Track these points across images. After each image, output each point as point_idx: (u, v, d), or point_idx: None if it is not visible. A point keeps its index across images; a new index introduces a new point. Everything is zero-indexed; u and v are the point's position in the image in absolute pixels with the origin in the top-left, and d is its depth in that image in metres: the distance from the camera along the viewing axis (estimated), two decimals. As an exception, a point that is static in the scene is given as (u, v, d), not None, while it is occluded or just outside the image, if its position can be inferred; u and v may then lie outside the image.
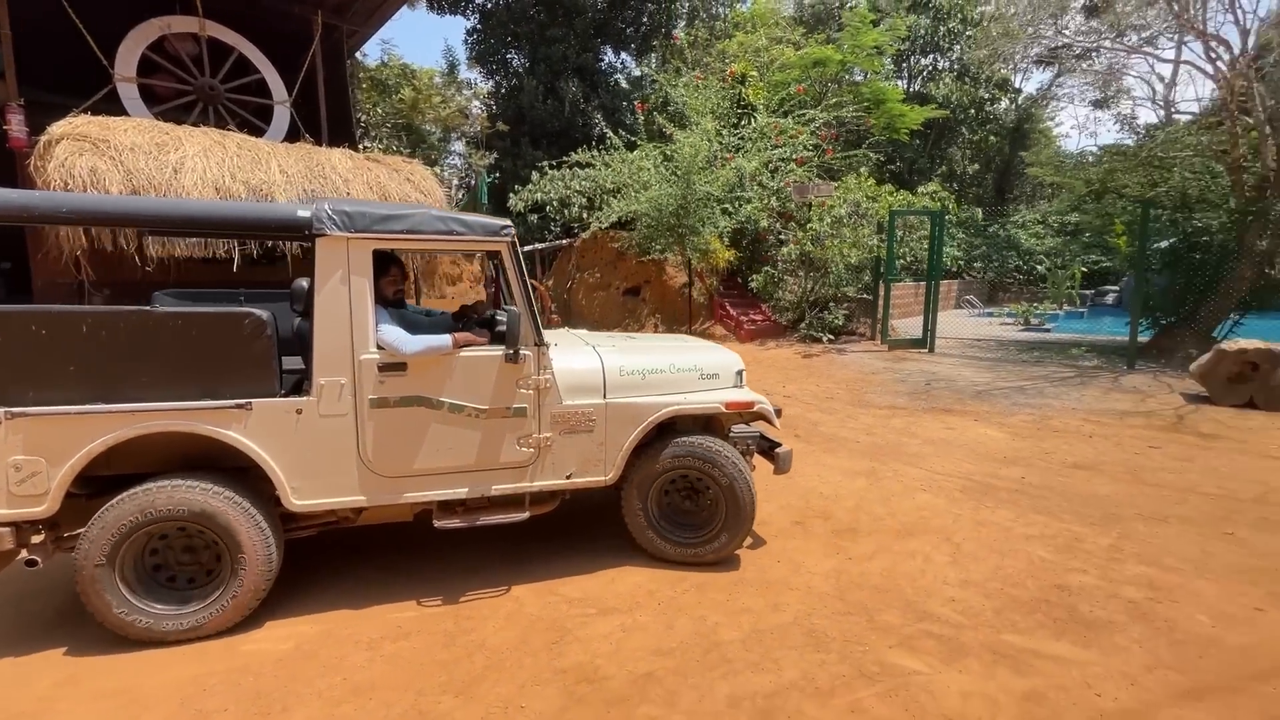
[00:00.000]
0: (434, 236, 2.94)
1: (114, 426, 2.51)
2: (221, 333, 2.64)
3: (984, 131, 27.33)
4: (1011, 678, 2.44)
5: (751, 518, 3.35)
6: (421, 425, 2.89)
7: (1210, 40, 9.02)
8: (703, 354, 3.66)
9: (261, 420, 2.68)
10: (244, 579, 2.67)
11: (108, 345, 2.50)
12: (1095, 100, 27.88)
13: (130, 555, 2.61)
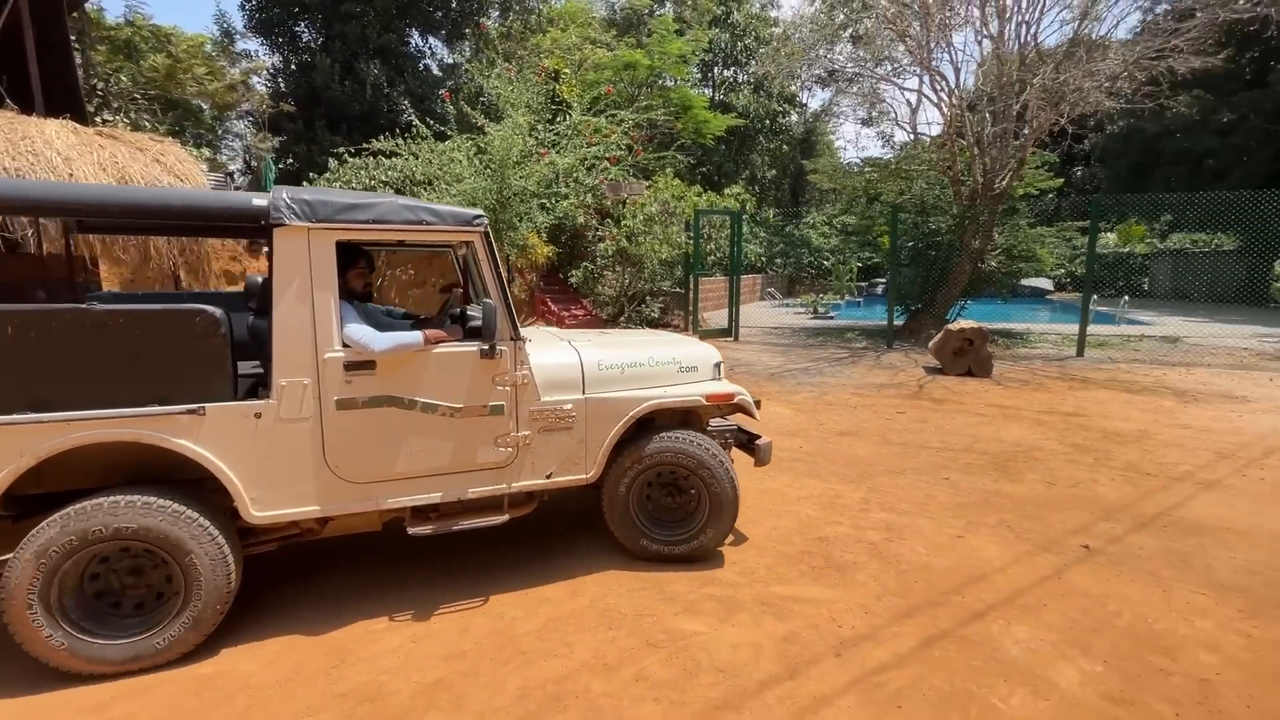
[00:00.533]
0: (401, 227, 2.76)
1: (46, 438, 2.26)
2: (170, 332, 2.41)
3: (778, 141, 30.40)
4: (775, 624, 2.76)
5: (735, 512, 3.32)
6: (392, 427, 2.72)
7: (934, 75, 10.93)
8: (680, 347, 3.64)
9: (216, 426, 2.47)
10: (199, 601, 2.44)
11: (38, 348, 2.25)
12: (863, 119, 32.36)
13: (68, 581, 2.34)
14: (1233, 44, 15.76)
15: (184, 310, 2.43)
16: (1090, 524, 3.77)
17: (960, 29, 12.14)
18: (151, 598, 2.49)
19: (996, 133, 10.62)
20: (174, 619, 2.43)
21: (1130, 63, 10.27)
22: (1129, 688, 2.33)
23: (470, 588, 3.08)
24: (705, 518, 3.27)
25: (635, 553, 3.31)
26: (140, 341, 2.37)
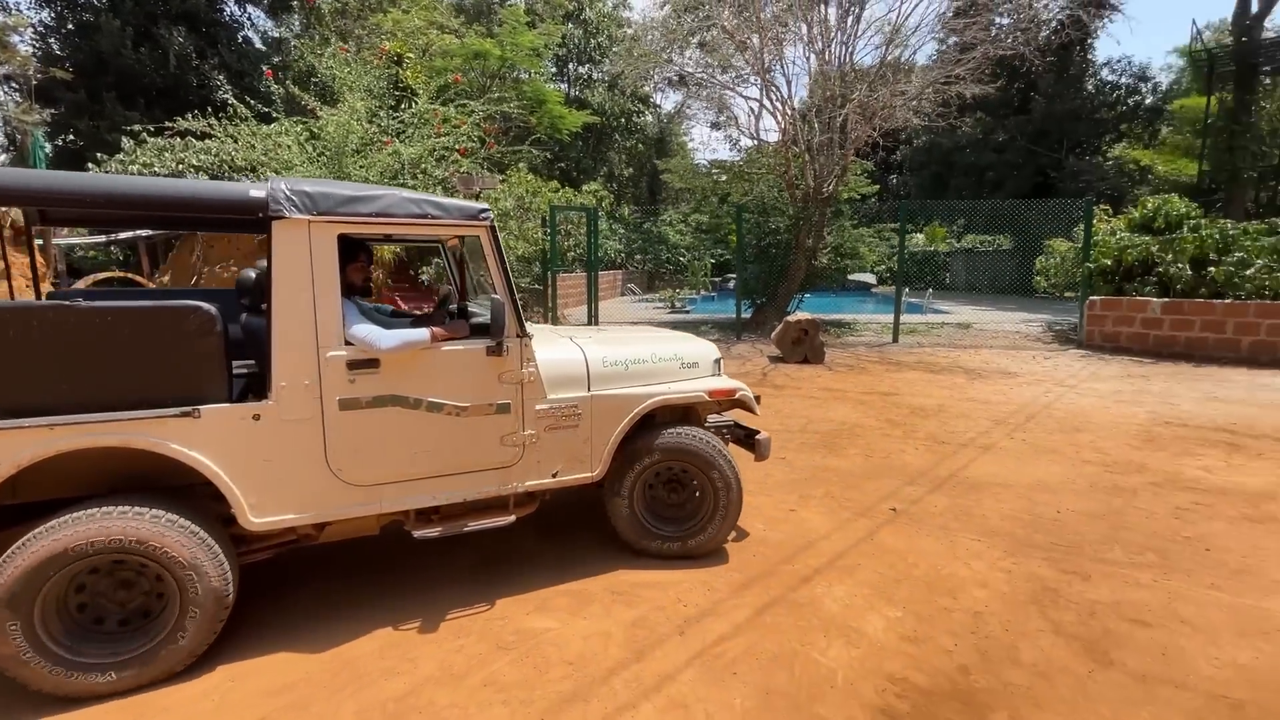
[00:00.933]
0: (406, 220, 2.68)
1: (27, 445, 2.13)
2: (161, 330, 2.29)
3: (634, 139, 31.11)
4: (624, 611, 2.85)
5: (740, 507, 3.34)
6: (396, 427, 2.65)
7: (770, 86, 11.82)
8: (681, 343, 3.64)
9: (211, 430, 2.36)
10: (195, 615, 2.31)
11: (16, 348, 2.13)
12: (712, 123, 34.11)
13: (53, 596, 2.19)
14: (1004, 75, 18.76)
15: (176, 307, 2.30)
16: (898, 489, 4.32)
17: (792, 44, 13.25)
18: (138, 614, 2.35)
19: (823, 141, 11.73)
20: (167, 635, 2.30)
21: (926, 86, 11.84)
22: (921, 627, 2.72)
23: (307, 619, 2.84)
24: (710, 513, 3.29)
25: (639, 550, 3.30)
26: (129, 340, 2.24)
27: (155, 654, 2.28)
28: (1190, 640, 2.61)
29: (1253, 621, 2.73)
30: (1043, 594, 2.97)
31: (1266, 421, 5.84)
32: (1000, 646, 2.58)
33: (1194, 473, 4.53)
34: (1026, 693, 2.31)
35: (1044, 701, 2.26)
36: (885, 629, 2.70)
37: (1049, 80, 22.65)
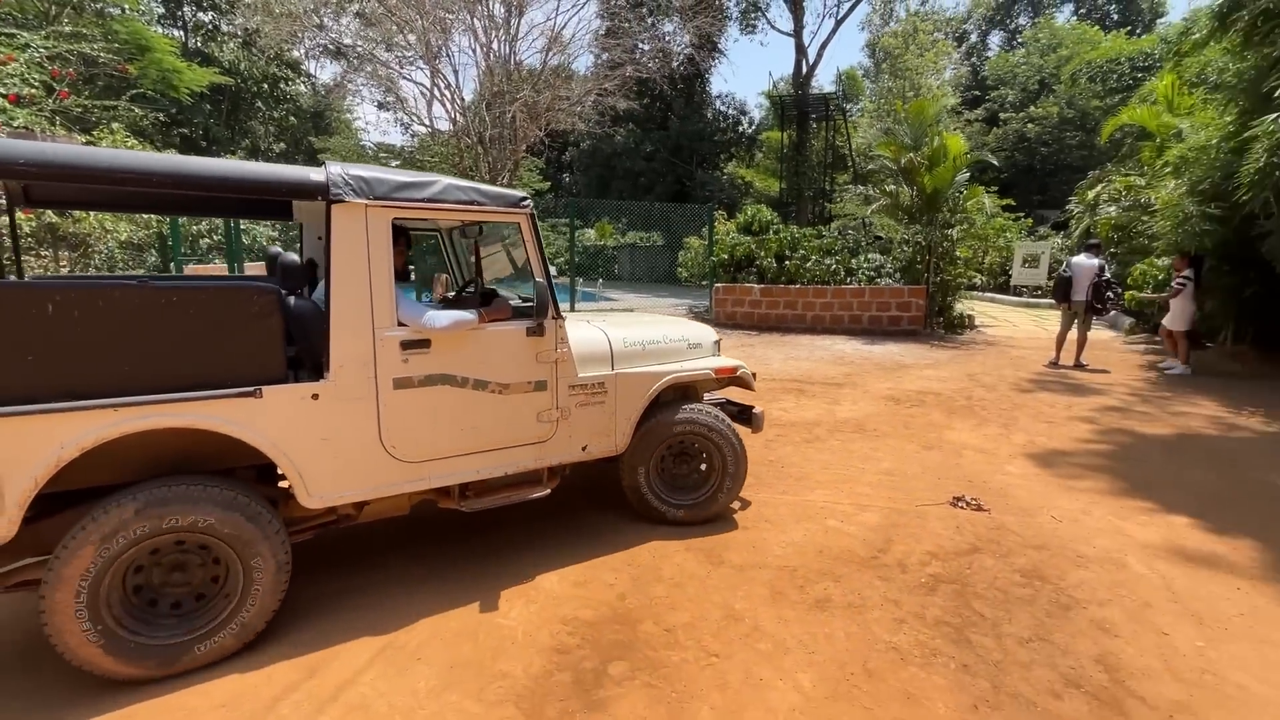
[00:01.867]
0: (455, 206, 2.78)
1: (91, 427, 2.08)
2: (225, 311, 2.31)
3: (284, 110, 27.02)
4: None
5: (745, 475, 3.66)
6: (444, 405, 2.77)
7: (437, 72, 11.58)
8: (687, 326, 3.90)
9: (272, 410, 2.37)
10: (257, 595, 2.37)
11: (83, 328, 2.07)
12: (379, 103, 31.71)
13: (116, 579, 2.18)
14: (648, 95, 21.83)
15: (241, 288, 2.39)
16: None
17: (462, 33, 13.16)
18: (190, 596, 2.37)
19: (495, 135, 12.03)
20: (228, 616, 2.34)
21: (585, 94, 13.06)
22: (588, 572, 3.14)
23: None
24: (719, 481, 3.61)
25: (654, 519, 3.57)
26: (193, 321, 2.25)
27: (216, 635, 2.32)
28: (769, 533, 3.57)
29: (804, 511, 3.87)
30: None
31: (819, 373, 8.15)
32: (648, 570, 3.14)
33: (776, 412, 6.09)
34: (665, 600, 2.88)
35: (678, 603, 2.85)
36: (559, 581, 3.05)
37: (680, 104, 27.11)
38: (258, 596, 2.38)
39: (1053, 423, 5.85)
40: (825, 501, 4.01)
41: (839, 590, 2.96)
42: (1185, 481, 4.38)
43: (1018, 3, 35.50)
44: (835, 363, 8.83)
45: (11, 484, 2.00)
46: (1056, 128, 26.07)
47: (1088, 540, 3.48)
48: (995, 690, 2.29)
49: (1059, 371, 8.32)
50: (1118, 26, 31.04)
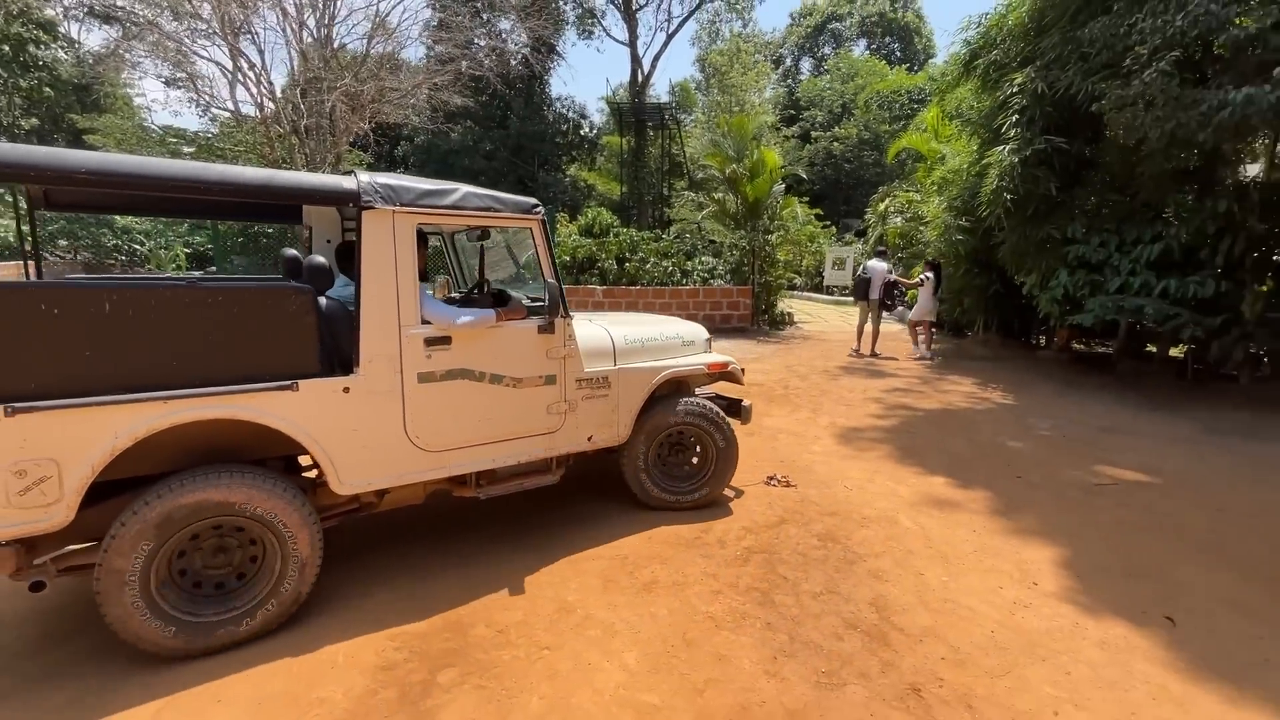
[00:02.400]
0: (473, 213, 3.02)
1: (144, 418, 2.24)
2: (266, 309, 2.48)
3: (35, 79, 22.41)
4: (53, 695, 2.26)
5: (736, 463, 3.95)
6: (464, 398, 2.96)
7: (238, 51, 10.35)
8: (680, 325, 4.16)
9: (307, 402, 2.55)
10: (293, 577, 2.57)
11: (134, 325, 2.23)
12: (166, 79, 27.54)
13: (164, 561, 2.37)
14: (486, 93, 21.27)
15: (281, 288, 2.54)
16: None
17: (268, 6, 11.84)
18: (233, 577, 2.54)
19: (311, 126, 11.02)
20: (266, 596, 2.52)
21: (414, 87, 12.44)
22: (420, 585, 3.05)
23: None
24: (714, 469, 3.88)
25: (651, 505, 3.82)
26: (236, 319, 2.40)
27: (255, 614, 2.50)
28: (603, 525, 3.72)
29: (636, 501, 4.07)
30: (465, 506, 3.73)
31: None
32: (482, 573, 3.13)
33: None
34: (498, 601, 2.90)
35: (511, 603, 2.88)
36: (390, 594, 2.93)
37: (521, 104, 26.76)
38: (294, 577, 2.57)
39: (851, 405, 6.72)
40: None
41: (665, 571, 3.19)
42: (944, 447, 5.29)
43: (822, 34, 39.87)
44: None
45: (70, 471, 2.15)
46: (856, 147, 29.71)
47: (870, 503, 4.08)
48: (791, 640, 2.63)
49: (860, 359, 9.57)
50: (900, 63, 36.14)
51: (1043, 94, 7.61)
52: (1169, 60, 5.78)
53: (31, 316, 2.09)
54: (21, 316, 2.09)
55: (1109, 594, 2.99)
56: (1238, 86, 5.47)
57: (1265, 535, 3.65)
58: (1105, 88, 6.38)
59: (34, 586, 2.28)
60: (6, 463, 2.08)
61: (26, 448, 2.10)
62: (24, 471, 2.10)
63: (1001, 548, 3.47)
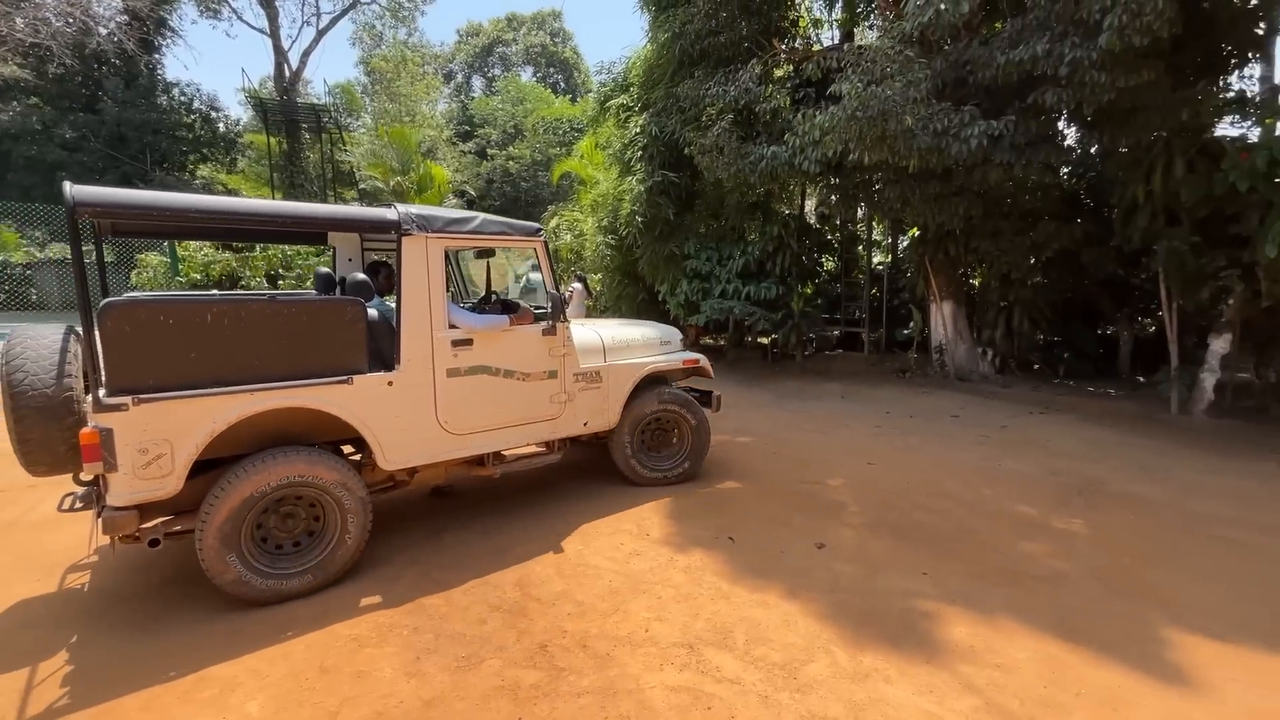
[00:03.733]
0: (489, 237, 3.73)
1: (235, 407, 2.80)
2: (329, 318, 3.07)
3: None
4: None
5: (708, 445, 4.74)
6: (483, 389, 3.60)
7: None
8: (658, 327, 4.87)
9: (360, 393, 3.13)
10: (349, 539, 3.12)
11: (229, 332, 2.79)
12: None
13: (250, 523, 2.91)
14: (57, 61, 16.33)
15: (339, 302, 3.15)
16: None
17: None
18: (299, 540, 3.11)
19: None
20: (329, 554, 3.09)
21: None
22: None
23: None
24: (691, 450, 4.65)
25: (639, 482, 4.51)
26: (307, 327, 2.98)
27: (320, 568, 3.07)
28: (233, 575, 3.30)
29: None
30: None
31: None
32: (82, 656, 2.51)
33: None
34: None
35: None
36: None
37: (118, 85, 21.31)
38: (350, 540, 3.13)
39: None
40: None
41: (304, 607, 3.00)
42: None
43: (490, 56, 41.12)
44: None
45: (180, 449, 2.71)
46: (530, 167, 31.46)
47: (524, 493, 4.46)
48: (436, 637, 2.75)
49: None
50: (564, 93, 39.47)
51: (656, 136, 9.24)
52: (728, 120, 7.62)
53: (152, 326, 2.64)
54: (146, 326, 2.63)
55: (695, 530, 3.85)
56: (769, 145, 7.51)
57: (799, 465, 5.12)
58: (693, 136, 8.09)
59: (152, 543, 2.78)
60: (133, 442, 2.59)
61: (148, 431, 2.61)
62: (146, 449, 2.62)
63: (628, 511, 4.16)
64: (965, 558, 3.51)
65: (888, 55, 6.07)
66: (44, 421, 2.71)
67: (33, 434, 2.71)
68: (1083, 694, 2.37)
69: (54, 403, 2.71)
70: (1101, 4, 5.35)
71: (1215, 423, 6.69)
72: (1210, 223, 6.84)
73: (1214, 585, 3.22)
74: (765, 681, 2.44)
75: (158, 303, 2.74)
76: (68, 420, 2.74)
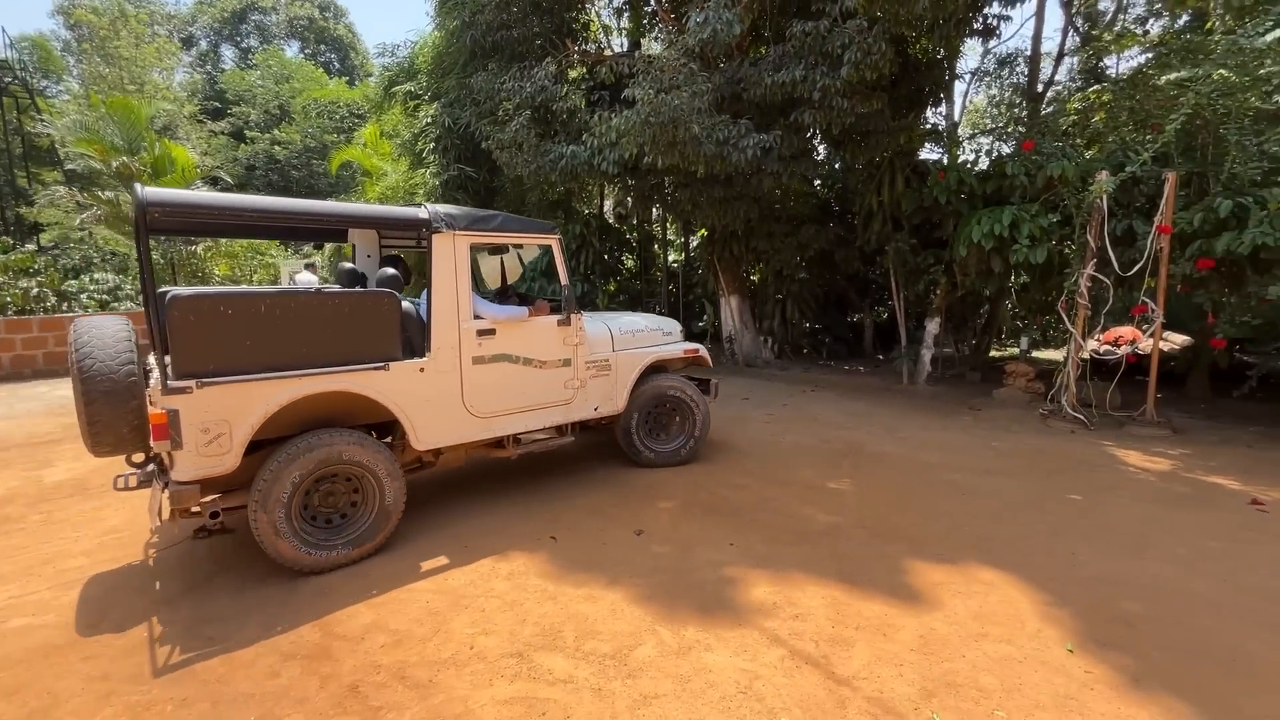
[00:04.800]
0: (510, 234, 4.05)
1: (286, 390, 3.10)
2: (368, 310, 3.34)
3: None
4: None
5: (708, 428, 5.06)
6: (504, 376, 3.94)
7: None
8: (660, 319, 5.22)
9: (395, 379, 3.44)
10: (388, 514, 3.43)
11: (280, 322, 3.07)
12: None
13: (298, 499, 3.19)
14: None
15: (377, 294, 3.40)
16: None
17: None
18: (336, 515, 3.40)
19: None
20: (370, 527, 3.39)
21: None
22: None
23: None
24: (691, 432, 4.98)
25: (640, 463, 4.89)
26: (348, 317, 3.27)
27: (362, 540, 3.37)
28: (-115, 685, 2.44)
29: (-36, 626, 2.85)
30: None
31: (21, 432, 6.13)
32: None
33: (-73, 506, 4.24)
34: None
35: None
36: None
37: None
38: (387, 514, 3.43)
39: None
40: (7, 600, 3.07)
41: (34, 696, 2.33)
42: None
43: (244, 23, 35.69)
44: (50, 414, 6.84)
45: (238, 429, 3.00)
46: (303, 154, 27.99)
47: (322, 523, 3.96)
48: (214, 705, 2.31)
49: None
50: (340, 74, 35.74)
51: (450, 128, 8.80)
52: (526, 116, 7.54)
53: (213, 316, 2.94)
54: (208, 316, 2.93)
55: (515, 534, 3.76)
56: (569, 144, 7.59)
57: (610, 457, 5.26)
58: (490, 130, 7.85)
59: (213, 515, 3.10)
60: (196, 422, 2.90)
61: (210, 412, 2.94)
62: (207, 429, 2.94)
63: (444, 528, 3.91)
64: (764, 524, 3.91)
65: (674, 66, 6.49)
66: (111, 405, 2.98)
67: (101, 416, 2.97)
68: (861, 626, 2.79)
69: (119, 387, 2.99)
70: (842, 41, 6.32)
71: (933, 389, 8.33)
72: (923, 228, 8.49)
73: (941, 520, 4.00)
74: (598, 674, 2.46)
75: (218, 295, 3.03)
76: (131, 404, 3.01)
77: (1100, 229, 6.17)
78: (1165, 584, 3.17)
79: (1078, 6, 11.23)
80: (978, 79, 13.15)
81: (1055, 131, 7.86)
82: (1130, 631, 2.75)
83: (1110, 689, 2.38)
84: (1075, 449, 5.64)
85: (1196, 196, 6.11)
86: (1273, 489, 4.60)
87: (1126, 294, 6.31)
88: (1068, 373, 6.60)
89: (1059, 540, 3.69)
